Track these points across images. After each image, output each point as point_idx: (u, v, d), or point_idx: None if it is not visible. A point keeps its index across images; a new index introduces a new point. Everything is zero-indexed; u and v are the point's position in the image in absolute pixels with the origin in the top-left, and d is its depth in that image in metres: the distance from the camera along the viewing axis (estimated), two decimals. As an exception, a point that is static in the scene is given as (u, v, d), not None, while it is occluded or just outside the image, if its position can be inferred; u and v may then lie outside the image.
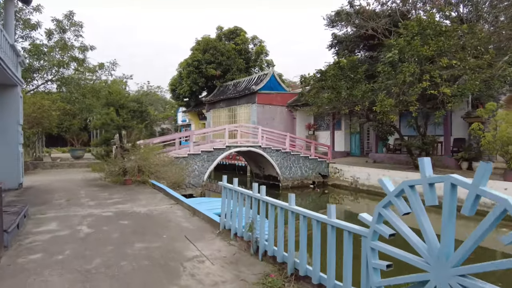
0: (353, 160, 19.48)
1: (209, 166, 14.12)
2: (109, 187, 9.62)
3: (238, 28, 31.51)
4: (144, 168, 10.28)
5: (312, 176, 17.13)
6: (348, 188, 16.36)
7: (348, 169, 16.49)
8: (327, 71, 14.75)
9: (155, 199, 7.74)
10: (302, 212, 3.48)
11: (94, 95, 19.75)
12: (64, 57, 18.92)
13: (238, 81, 26.95)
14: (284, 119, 23.88)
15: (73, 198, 7.87)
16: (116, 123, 10.28)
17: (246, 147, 15.04)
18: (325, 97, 14.50)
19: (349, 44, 22.93)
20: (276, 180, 16.41)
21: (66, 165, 16.73)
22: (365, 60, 19.98)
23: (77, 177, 12.20)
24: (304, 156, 16.79)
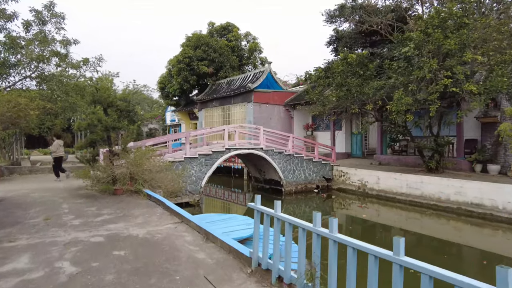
0: (355, 162, 18.49)
1: (208, 171, 12.84)
2: (96, 199, 8.24)
3: (231, 24, 30.24)
4: (137, 175, 8.95)
5: (316, 180, 16.03)
6: (355, 192, 15.33)
7: (355, 172, 15.45)
8: (334, 67, 13.65)
9: (153, 216, 6.44)
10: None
11: (78, 93, 18.20)
12: (44, 52, 17.32)
13: (232, 79, 25.68)
14: (282, 118, 22.74)
15: (53, 215, 6.49)
16: (104, 123, 8.90)
17: (247, 149, 13.81)
18: (332, 95, 13.39)
19: (348, 40, 21.96)
20: (278, 185, 15.23)
21: (47, 169, 15.14)
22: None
23: (59, 185, 10.74)
24: (308, 158, 15.68)
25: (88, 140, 13.35)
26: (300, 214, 13.14)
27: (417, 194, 12.84)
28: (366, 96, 12.85)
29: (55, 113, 18.89)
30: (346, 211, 13.47)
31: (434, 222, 11.43)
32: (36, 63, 17.64)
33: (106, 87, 9.21)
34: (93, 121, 8.92)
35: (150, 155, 9.59)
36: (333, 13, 22.56)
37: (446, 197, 11.87)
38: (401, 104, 11.28)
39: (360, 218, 11.91)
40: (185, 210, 6.50)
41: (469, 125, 14.54)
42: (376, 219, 12.09)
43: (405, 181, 13.29)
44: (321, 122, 22.88)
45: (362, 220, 11.77)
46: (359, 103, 13.48)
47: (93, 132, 12.99)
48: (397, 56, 12.55)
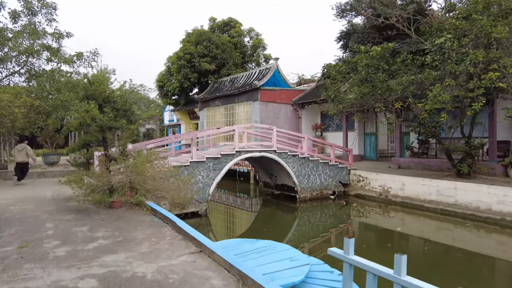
0: (370, 164, 17.15)
1: (216, 176, 11.43)
2: (90, 214, 6.80)
3: (233, 20, 28.82)
4: (138, 184, 7.51)
5: (332, 185, 14.65)
6: (375, 199, 13.96)
7: (376, 177, 14.08)
8: (357, 60, 12.27)
9: (162, 240, 5.02)
10: None
11: (71, 90, 16.71)
12: (34, 45, 15.83)
13: (236, 77, 24.26)
14: (289, 118, 21.35)
15: (32, 239, 5.05)
16: (99, 123, 7.46)
17: (259, 152, 12.41)
18: (355, 92, 12.01)
19: (361, 35, 20.61)
20: (291, 191, 13.84)
21: (36, 174, 13.65)
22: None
23: (46, 194, 9.27)
24: (324, 162, 14.30)
25: (81, 142, 11.88)
26: (318, 224, 11.77)
27: (450, 202, 11.50)
28: (393, 93, 11.50)
29: (47, 112, 17.39)
30: (371, 220, 12.10)
31: (472, 235, 10.11)
32: (25, 57, 16.16)
33: (101, 80, 7.76)
34: (85, 120, 7.47)
35: (153, 159, 8.15)
36: (344, 6, 21.26)
37: (486, 207, 10.53)
38: (437, 102, 9.94)
39: (391, 230, 10.53)
40: (190, 221, 5.14)
41: (499, 126, 13.24)
42: (407, 230, 10.72)
43: (435, 187, 11.95)
44: (331, 122, 21.56)
45: (394, 233, 10.40)
46: (383, 101, 12.12)
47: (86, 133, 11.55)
48: (429, 49, 11.21)
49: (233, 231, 11.16)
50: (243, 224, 12.19)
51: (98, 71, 7.90)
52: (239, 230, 11.17)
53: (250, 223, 12.18)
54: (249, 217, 13.21)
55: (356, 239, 9.32)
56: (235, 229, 11.48)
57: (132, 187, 7.55)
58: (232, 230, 11.37)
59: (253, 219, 12.75)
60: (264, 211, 13.66)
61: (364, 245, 9.15)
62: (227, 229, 11.50)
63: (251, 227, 11.43)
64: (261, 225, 11.45)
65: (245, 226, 11.62)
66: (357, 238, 10.25)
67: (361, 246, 8.84)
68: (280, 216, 12.74)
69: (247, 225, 11.81)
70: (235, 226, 11.94)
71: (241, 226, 11.92)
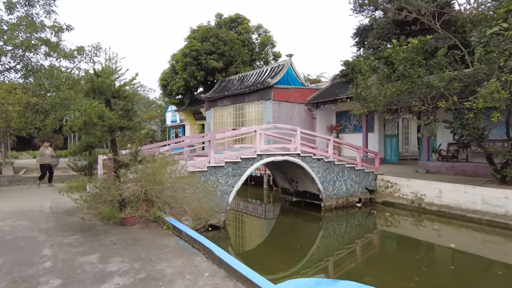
0: (393, 168, 15.86)
1: (235, 183, 10.12)
2: (97, 234, 5.48)
3: (240, 16, 27.54)
4: (154, 195, 6.20)
5: (359, 192, 13.36)
6: (406, 207, 12.68)
7: (407, 183, 12.80)
8: (392, 54, 11.00)
9: (200, 280, 3.71)
10: None
11: (71, 87, 15.42)
12: (31, 38, 14.54)
13: (245, 75, 22.97)
14: (303, 118, 20.06)
15: (23, 278, 3.74)
16: (108, 122, 6.15)
17: (282, 155, 11.12)
18: (390, 89, 10.72)
19: (380, 31, 19.39)
20: (315, 198, 12.53)
21: (32, 180, 12.30)
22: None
23: (44, 205, 7.95)
24: (349, 166, 13.01)
25: (84, 144, 10.56)
26: (346, 235, 10.48)
27: (500, 212, 10.22)
28: (434, 90, 10.24)
29: (45, 111, 16.08)
30: (407, 231, 10.78)
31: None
32: (22, 51, 14.86)
33: (110, 71, 6.47)
34: (91, 118, 6.16)
35: (171, 166, 6.84)
36: (363, 1, 20.07)
37: (546, 219, 9.28)
38: (491, 100, 8.69)
39: (444, 246, 9.24)
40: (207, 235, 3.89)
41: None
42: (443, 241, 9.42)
43: (480, 196, 10.67)
44: (348, 123, 20.30)
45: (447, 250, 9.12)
46: (422, 99, 10.86)
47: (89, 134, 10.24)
48: (476, 41, 9.95)
49: (257, 246, 9.83)
50: (265, 237, 10.88)
51: (106, 60, 6.59)
52: (264, 245, 9.81)
53: (273, 236, 10.86)
54: (270, 228, 11.91)
55: (396, 256, 7.92)
56: (259, 244, 10.16)
57: (148, 199, 6.24)
58: (256, 245, 10.05)
59: (275, 230, 11.44)
60: (284, 221, 12.34)
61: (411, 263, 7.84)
62: (250, 243, 10.18)
63: (276, 241, 10.10)
64: (286, 239, 10.12)
65: (270, 241, 10.28)
66: (397, 254, 8.98)
67: (405, 264, 7.55)
68: (303, 227, 11.43)
69: (271, 239, 10.46)
70: (258, 240, 10.62)
71: (264, 239, 10.59)
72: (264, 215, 13.79)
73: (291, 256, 8.38)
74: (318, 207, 12.57)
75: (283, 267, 7.55)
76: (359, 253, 8.98)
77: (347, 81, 19.44)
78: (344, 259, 8.27)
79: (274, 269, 7.32)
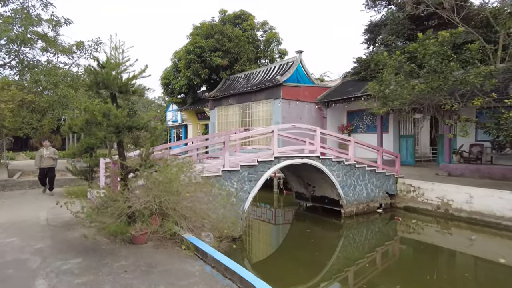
0: (410, 171, 14.95)
1: (252, 189, 9.19)
2: (103, 257, 4.52)
3: (245, 13, 26.62)
4: (169, 208, 5.26)
5: (379, 196, 12.46)
6: (431, 213, 11.78)
7: (432, 187, 11.90)
8: (421, 48, 10.07)
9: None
10: None
11: (69, 85, 14.45)
12: (27, 32, 13.57)
13: (251, 73, 22.04)
14: (313, 118, 19.13)
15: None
16: (114, 120, 5.20)
17: (300, 158, 10.19)
18: (419, 86, 9.80)
19: (395, 27, 18.50)
20: (334, 204, 11.62)
21: (28, 184, 11.34)
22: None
23: (39, 216, 6.99)
24: (370, 169, 12.11)
25: (84, 146, 9.65)
26: (368, 244, 9.57)
27: (541, 221, 9.35)
28: (469, 86, 9.35)
29: (42, 110, 15.10)
30: (441, 242, 9.83)
31: None
32: (17, 46, 13.88)
33: (116, 63, 5.53)
34: (95, 116, 5.21)
35: (187, 171, 5.89)
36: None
37: None
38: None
39: (493, 261, 8.33)
40: None
41: None
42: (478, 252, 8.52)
43: (522, 204, 9.79)
44: (360, 123, 19.42)
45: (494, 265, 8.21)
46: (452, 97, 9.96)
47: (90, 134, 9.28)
48: None
49: (275, 256, 8.88)
50: (283, 247, 9.91)
51: (111, 49, 5.65)
52: (282, 256, 8.86)
53: (291, 245, 9.90)
54: (287, 237, 10.98)
55: (430, 271, 6.92)
56: (277, 254, 9.19)
57: (163, 212, 5.30)
58: (274, 255, 9.09)
59: (293, 239, 10.51)
60: (303, 230, 11.38)
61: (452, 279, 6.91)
62: (267, 254, 9.25)
63: (295, 251, 9.14)
64: (306, 249, 9.20)
65: (288, 251, 9.31)
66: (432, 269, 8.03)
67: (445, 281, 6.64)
68: (323, 236, 10.50)
69: (289, 249, 9.48)
70: (275, 250, 9.67)
71: (282, 249, 9.63)
72: (277, 221, 12.86)
73: (313, 267, 7.57)
74: (337, 214, 11.66)
75: (304, 279, 6.78)
76: (386, 265, 8.10)
77: (359, 79, 18.58)
78: (369, 271, 7.42)
79: (295, 282, 6.57)
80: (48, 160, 10.02)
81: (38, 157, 10.01)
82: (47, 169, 10.05)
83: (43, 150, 10.09)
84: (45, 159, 9.94)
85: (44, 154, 9.97)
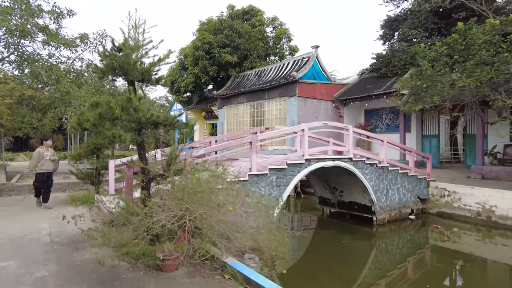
0: (437, 173, 13.79)
1: (280, 195, 8.14)
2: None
3: (254, 8, 25.56)
4: (206, 224, 4.20)
5: (411, 202, 11.42)
6: (470, 220, 10.75)
7: (471, 192, 10.86)
8: (470, 39, 8.99)
9: None
10: None
11: (73, 81, 13.43)
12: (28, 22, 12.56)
13: (263, 69, 20.98)
14: (330, 117, 18.05)
15: None
16: (136, 115, 4.16)
17: (332, 160, 9.13)
18: (464, 80, 8.74)
19: (416, 21, 17.48)
20: (365, 211, 10.56)
21: (27, 188, 10.27)
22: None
23: (41, 230, 5.92)
24: (403, 172, 11.07)
25: (91, 146, 8.60)
26: (408, 256, 8.50)
27: None
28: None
29: (43, 109, 14.07)
30: (486, 253, 8.79)
31: None
32: (16, 38, 12.84)
33: (136, 45, 4.48)
34: (112, 110, 4.16)
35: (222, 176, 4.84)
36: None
37: None
38: None
39: None
40: None
41: None
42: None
43: None
44: (379, 122, 18.38)
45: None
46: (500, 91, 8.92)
47: (98, 133, 8.25)
48: None
49: (304, 268, 7.80)
50: (312, 257, 8.83)
51: (130, 28, 4.60)
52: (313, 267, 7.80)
53: (323, 257, 8.83)
54: (314, 246, 9.90)
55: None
56: (306, 265, 8.12)
57: (196, 227, 4.24)
58: (303, 267, 8.01)
59: (321, 249, 9.43)
60: (329, 238, 10.34)
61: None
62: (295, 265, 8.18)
63: (333, 266, 8.10)
64: (339, 262, 8.15)
65: (318, 262, 8.25)
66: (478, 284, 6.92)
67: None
68: (354, 246, 9.43)
69: (319, 261, 8.44)
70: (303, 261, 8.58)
71: (312, 260, 8.55)
72: (299, 228, 11.79)
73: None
74: (367, 221, 10.60)
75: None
76: (432, 279, 7.02)
77: (379, 75, 17.55)
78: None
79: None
80: (49, 163, 8.19)
81: (35, 158, 7.98)
82: (47, 175, 8.17)
83: (43, 150, 8.16)
84: (46, 161, 8.10)
85: (45, 156, 8.11)
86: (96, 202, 8.02)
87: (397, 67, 16.31)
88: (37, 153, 8.00)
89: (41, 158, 8.02)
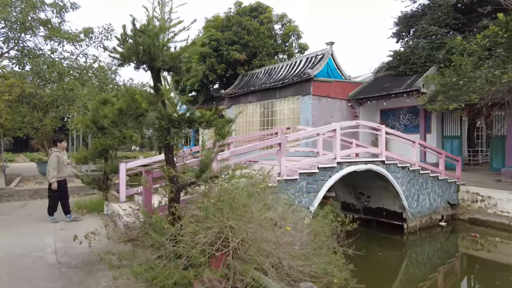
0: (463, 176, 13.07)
1: (311, 203, 7.31)
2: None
3: (261, 5, 24.74)
4: (247, 246, 3.37)
5: (441, 207, 10.60)
6: (506, 228, 9.93)
7: (509, 197, 10.04)
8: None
9: None
10: None
11: (77, 78, 12.62)
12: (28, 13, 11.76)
13: (273, 67, 20.17)
14: (344, 117, 17.23)
15: None
16: (165, 113, 3.34)
17: (365, 163, 8.31)
18: (509, 76, 7.94)
19: (436, 16, 16.66)
20: (395, 218, 9.74)
21: (28, 193, 9.43)
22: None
23: (45, 247, 5.08)
24: (433, 175, 10.25)
25: (99, 148, 7.79)
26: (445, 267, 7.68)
27: None
28: None
29: (44, 108, 13.23)
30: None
31: None
32: (17, 32, 12.03)
33: (162, 26, 3.65)
34: (135, 104, 3.35)
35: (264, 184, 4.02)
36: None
37: None
38: None
39: None
40: None
41: None
42: None
43: None
44: (396, 122, 17.58)
45: None
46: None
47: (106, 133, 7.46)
48: None
49: None
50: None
51: (155, 5, 3.78)
52: None
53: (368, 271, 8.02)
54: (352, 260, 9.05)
55: None
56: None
57: (236, 249, 3.41)
58: None
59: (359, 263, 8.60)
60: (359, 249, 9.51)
61: None
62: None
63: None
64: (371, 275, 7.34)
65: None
66: None
67: None
68: (386, 258, 8.60)
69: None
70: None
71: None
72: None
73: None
74: (396, 228, 9.77)
75: None
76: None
77: (397, 73, 16.74)
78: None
79: None
80: (67, 169, 7.07)
81: (54, 164, 6.68)
82: (64, 182, 7.01)
83: (61, 154, 6.93)
84: (64, 166, 6.92)
85: (64, 160, 6.95)
86: (106, 210, 7.20)
87: (417, 64, 15.52)
88: (56, 158, 6.74)
89: (60, 163, 6.82)
